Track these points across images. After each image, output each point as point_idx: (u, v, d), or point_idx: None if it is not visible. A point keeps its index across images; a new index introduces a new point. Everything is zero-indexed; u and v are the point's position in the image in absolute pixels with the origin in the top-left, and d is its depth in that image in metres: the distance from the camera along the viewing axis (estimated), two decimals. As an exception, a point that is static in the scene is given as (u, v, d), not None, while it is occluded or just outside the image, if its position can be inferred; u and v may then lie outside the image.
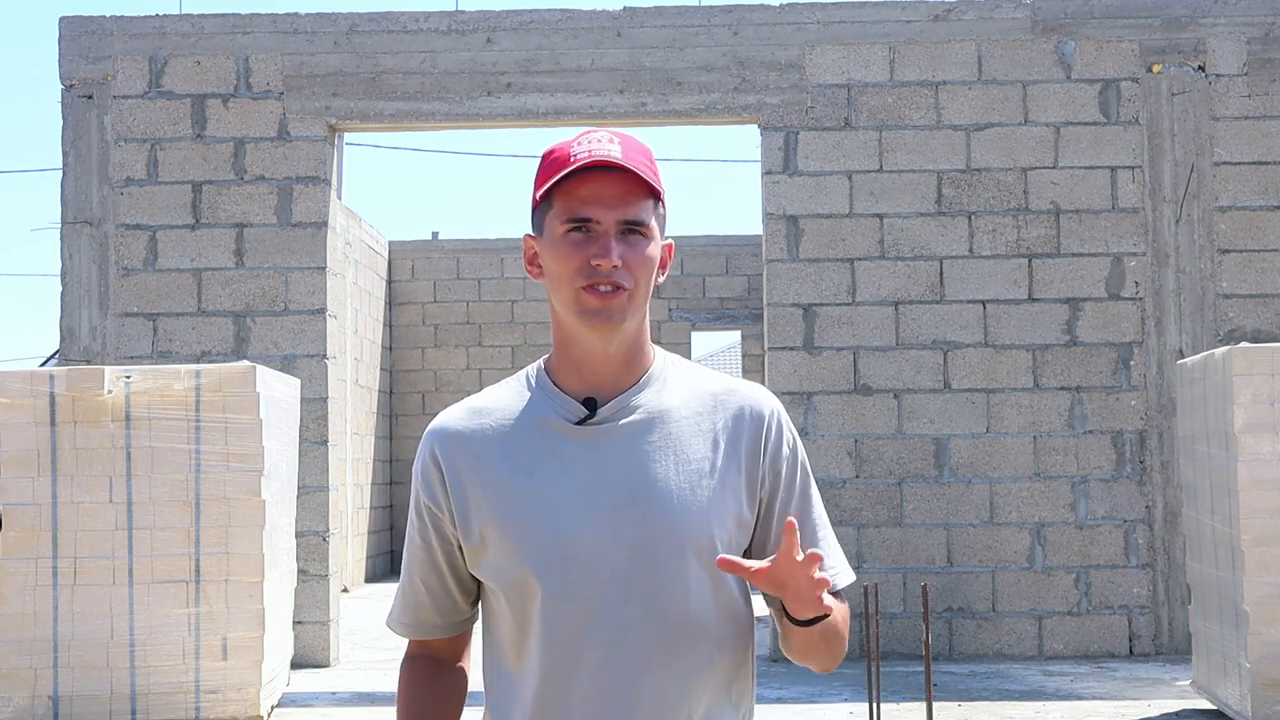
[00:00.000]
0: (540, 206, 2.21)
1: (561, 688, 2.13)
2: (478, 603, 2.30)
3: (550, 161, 2.17)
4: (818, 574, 2.02)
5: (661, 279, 2.24)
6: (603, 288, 2.13)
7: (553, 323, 2.23)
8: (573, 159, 2.14)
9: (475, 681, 2.39)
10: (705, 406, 2.23)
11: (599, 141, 2.15)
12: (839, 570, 2.27)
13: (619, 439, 2.18)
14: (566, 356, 2.21)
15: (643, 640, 2.12)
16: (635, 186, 2.16)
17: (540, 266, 2.22)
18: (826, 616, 2.11)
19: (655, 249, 2.18)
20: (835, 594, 2.29)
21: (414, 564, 2.27)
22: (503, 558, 2.16)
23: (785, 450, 2.24)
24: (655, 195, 2.18)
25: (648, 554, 2.13)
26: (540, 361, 2.28)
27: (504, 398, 2.26)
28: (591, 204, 2.14)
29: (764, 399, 2.26)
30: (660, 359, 2.26)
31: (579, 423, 2.19)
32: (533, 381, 2.25)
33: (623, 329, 2.16)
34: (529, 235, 2.25)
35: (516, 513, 2.15)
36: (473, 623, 2.33)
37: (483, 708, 2.30)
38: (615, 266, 2.12)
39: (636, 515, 2.14)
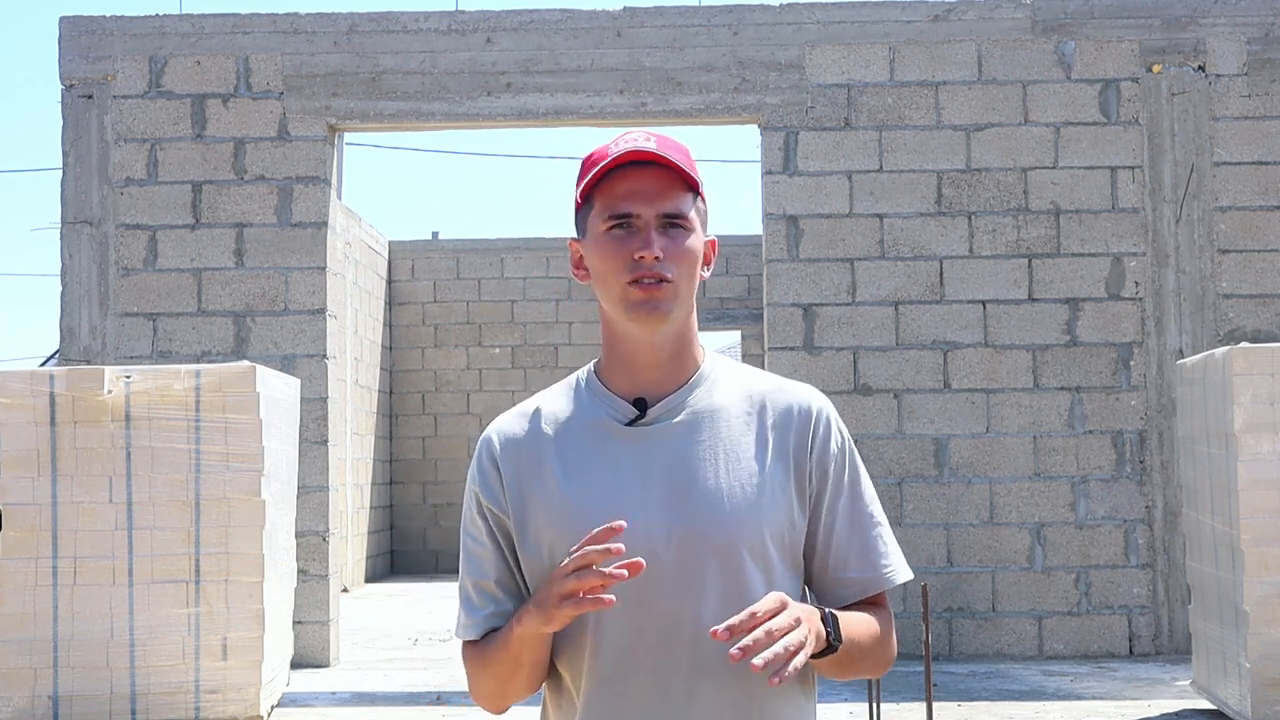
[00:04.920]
0: (582, 209, 2.22)
1: (617, 688, 2.13)
2: None
3: (589, 164, 2.20)
4: (764, 657, 1.95)
5: (706, 274, 2.25)
6: (647, 280, 2.14)
7: (602, 324, 2.24)
8: (611, 157, 2.16)
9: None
10: (754, 406, 2.23)
11: (635, 139, 2.17)
12: (895, 568, 2.27)
13: (669, 439, 2.19)
14: (616, 356, 2.23)
15: (695, 644, 2.11)
16: (673, 180, 2.17)
17: (586, 269, 2.23)
18: (832, 650, 2.12)
19: (696, 241, 2.19)
20: (876, 600, 2.27)
21: (486, 567, 2.24)
22: (557, 558, 2.15)
23: (833, 448, 2.24)
24: (694, 189, 2.20)
25: (699, 553, 2.13)
26: (590, 364, 2.29)
27: (555, 401, 2.27)
28: (631, 199, 2.15)
29: (812, 397, 2.27)
30: (710, 359, 2.27)
31: (629, 423, 2.20)
32: (583, 384, 2.26)
33: (669, 321, 2.17)
34: (573, 240, 2.27)
35: (569, 514, 2.16)
36: None
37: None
38: (658, 258, 2.13)
39: (687, 515, 2.14)
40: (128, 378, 8.01)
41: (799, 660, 1.97)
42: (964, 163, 10.91)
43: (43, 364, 18.67)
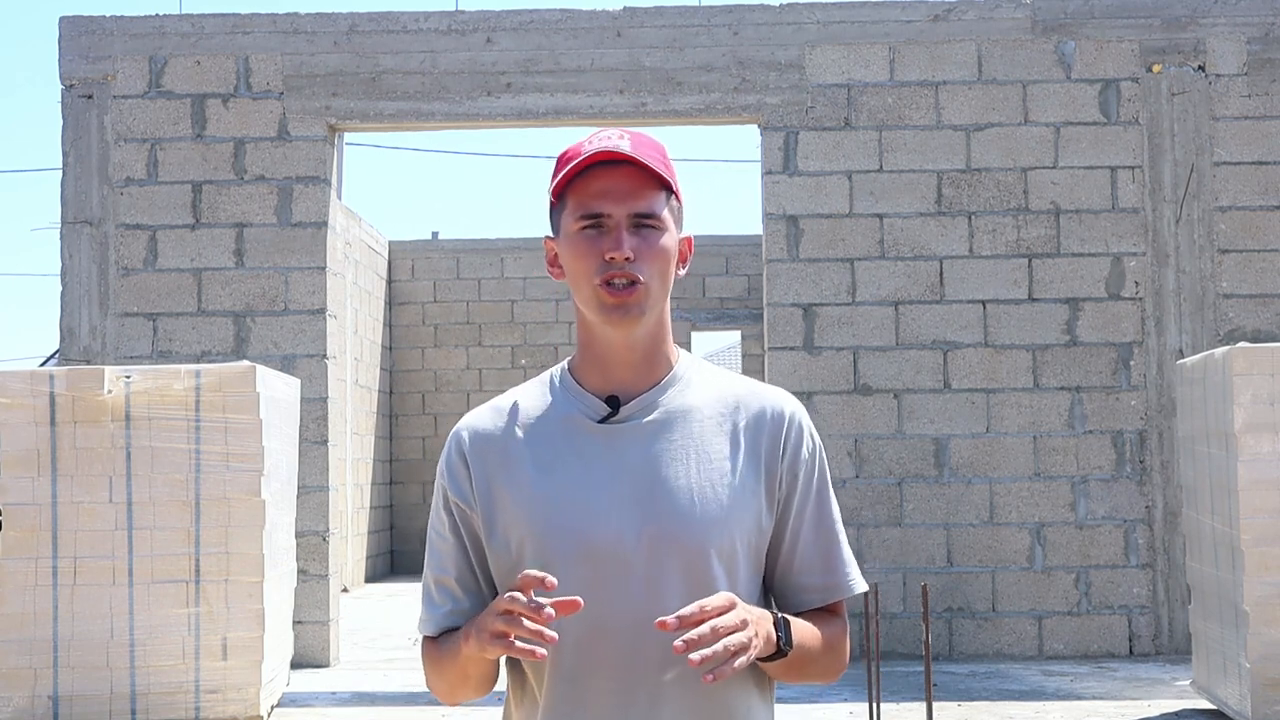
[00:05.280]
0: (556, 207, 2.22)
1: (579, 685, 2.13)
2: None
3: (563, 162, 2.19)
4: (701, 653, 1.97)
5: (682, 273, 2.25)
6: (618, 282, 2.14)
7: (577, 322, 2.24)
8: (582, 156, 2.16)
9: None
10: (727, 407, 2.23)
11: (608, 138, 2.17)
12: (854, 577, 2.28)
13: (641, 437, 2.19)
14: (590, 354, 2.23)
15: (664, 641, 2.11)
16: (645, 179, 2.17)
17: (561, 267, 2.23)
18: (782, 655, 2.12)
19: (670, 241, 2.19)
20: (833, 608, 2.28)
21: (447, 563, 2.25)
22: (525, 555, 2.16)
23: (805, 453, 2.24)
24: (667, 188, 2.19)
25: (669, 552, 2.13)
26: (564, 362, 2.29)
27: (528, 398, 2.27)
28: (602, 198, 2.15)
29: (786, 401, 2.26)
30: (684, 360, 2.27)
31: (602, 420, 2.20)
32: (557, 381, 2.26)
33: (641, 323, 2.17)
34: (548, 238, 2.27)
35: (540, 510, 2.16)
36: None
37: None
38: (628, 259, 2.13)
39: (657, 514, 2.14)
40: (128, 378, 8.01)
41: (741, 662, 1.98)
42: (964, 163, 10.91)
43: (43, 364, 18.67)
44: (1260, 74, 10.92)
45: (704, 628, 1.97)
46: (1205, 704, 8.58)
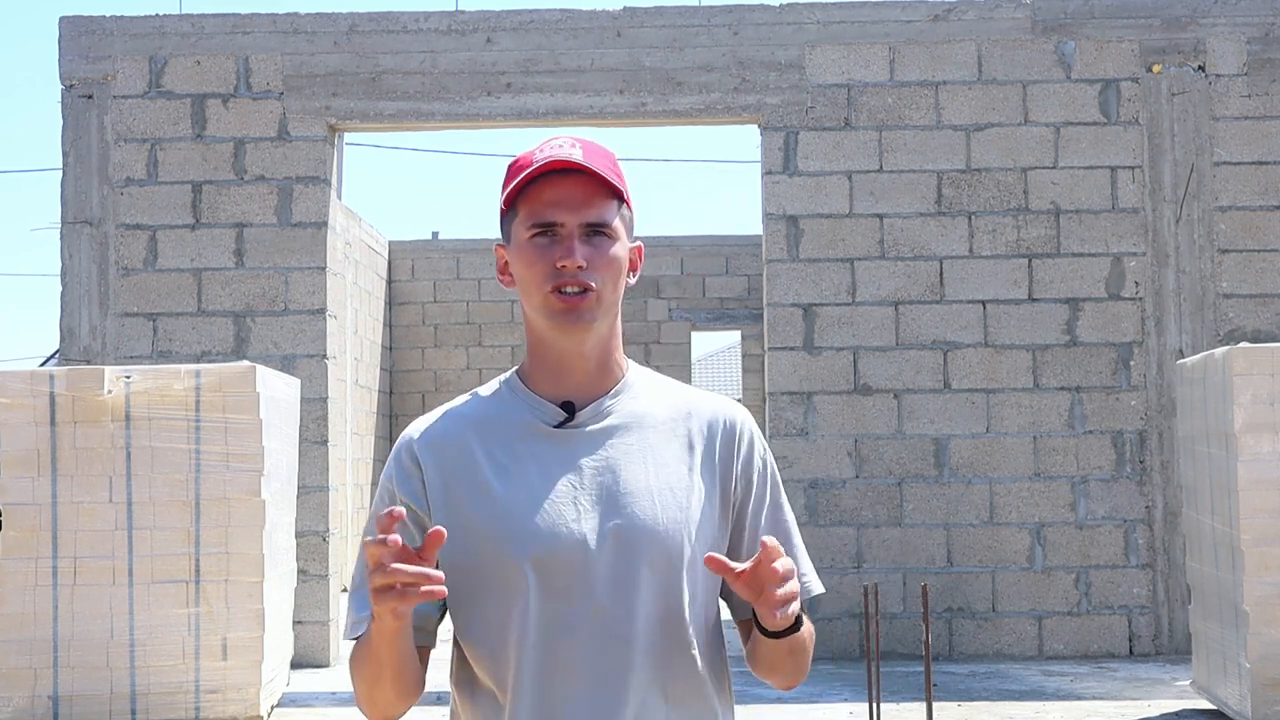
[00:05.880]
0: (507, 215, 2.23)
1: (549, 685, 2.13)
2: (444, 617, 2.26)
3: (514, 170, 2.20)
4: (787, 588, 2.02)
5: (632, 280, 2.27)
6: (570, 289, 2.15)
7: (526, 329, 2.25)
8: (534, 165, 2.17)
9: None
10: (679, 414, 2.25)
11: (560, 146, 2.18)
12: (811, 580, 2.30)
13: (597, 442, 2.20)
14: (541, 361, 2.23)
15: (629, 641, 2.13)
16: (597, 188, 2.18)
17: (511, 275, 2.24)
18: (796, 630, 2.15)
19: (621, 250, 2.20)
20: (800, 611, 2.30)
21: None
22: (487, 560, 2.16)
23: (757, 460, 2.28)
24: (618, 197, 2.20)
25: (632, 553, 2.14)
26: (513, 370, 2.29)
27: (480, 404, 2.27)
28: (555, 207, 2.16)
29: (736, 410, 2.30)
30: (634, 368, 2.29)
31: (558, 426, 2.20)
32: (507, 388, 2.26)
33: (593, 330, 2.18)
34: (499, 245, 2.28)
35: (500, 513, 2.16)
36: (435, 638, 2.27)
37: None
38: (580, 267, 2.14)
39: (618, 515, 2.15)
40: (128, 378, 8.01)
41: (794, 609, 2.04)
42: (964, 163, 10.91)
43: (43, 364, 18.68)
44: (1260, 74, 10.92)
45: (789, 564, 2.04)
46: (1205, 704, 8.58)
